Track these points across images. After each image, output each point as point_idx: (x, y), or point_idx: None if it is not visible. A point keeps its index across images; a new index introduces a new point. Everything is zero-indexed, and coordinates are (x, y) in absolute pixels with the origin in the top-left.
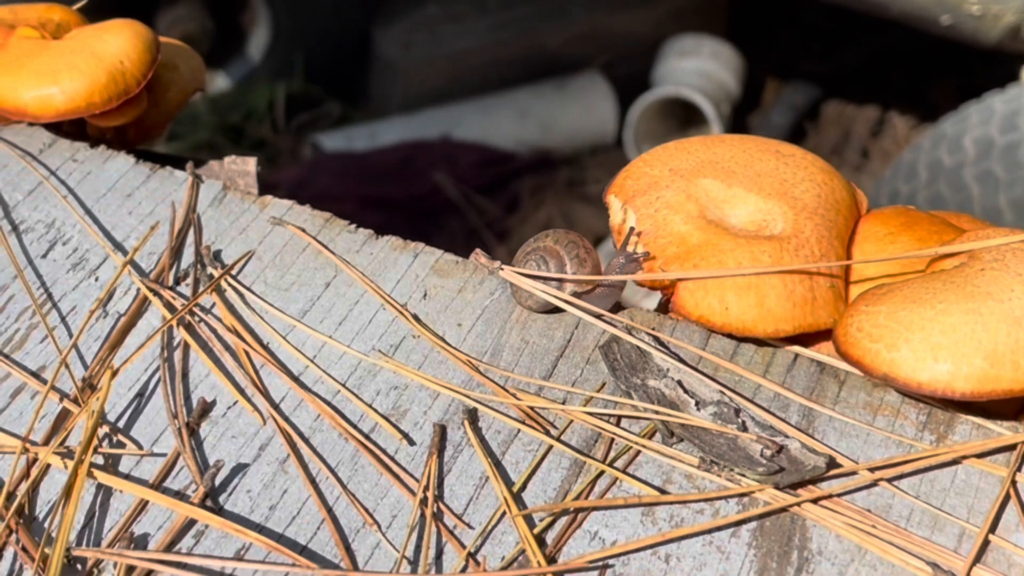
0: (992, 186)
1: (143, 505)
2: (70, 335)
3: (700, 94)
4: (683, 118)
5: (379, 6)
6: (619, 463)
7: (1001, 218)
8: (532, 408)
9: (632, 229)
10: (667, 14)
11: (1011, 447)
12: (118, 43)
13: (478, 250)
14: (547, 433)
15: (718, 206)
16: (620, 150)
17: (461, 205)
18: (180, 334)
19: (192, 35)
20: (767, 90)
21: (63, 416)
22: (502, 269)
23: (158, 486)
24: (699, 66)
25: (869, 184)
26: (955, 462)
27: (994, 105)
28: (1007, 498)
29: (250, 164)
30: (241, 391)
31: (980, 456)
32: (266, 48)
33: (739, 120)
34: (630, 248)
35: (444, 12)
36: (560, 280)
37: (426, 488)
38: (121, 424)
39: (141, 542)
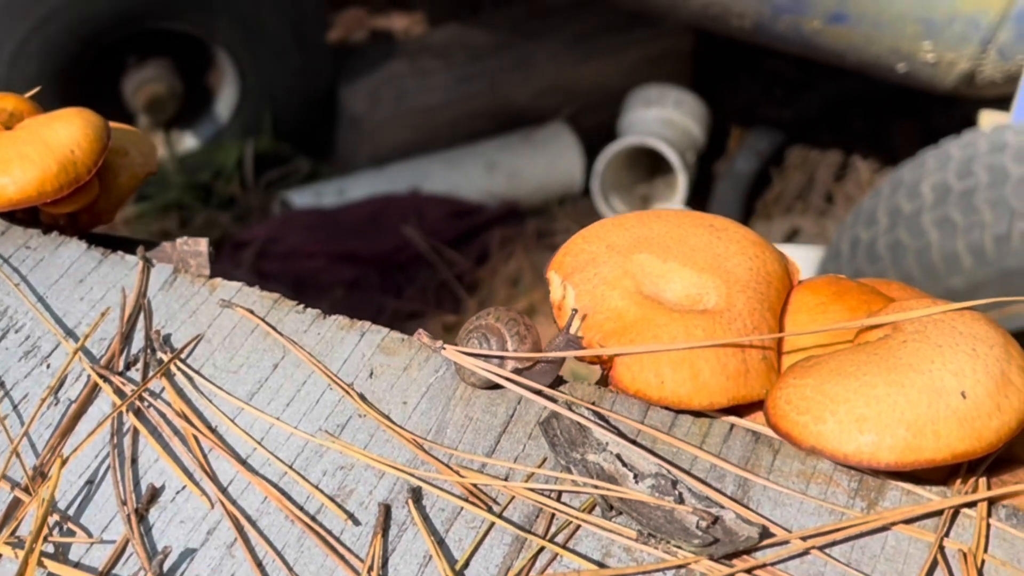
0: (950, 231)
1: None
2: (22, 423)
3: (665, 143)
4: (649, 167)
5: (346, 62)
6: (559, 538)
7: (960, 262)
8: (475, 485)
9: (575, 312)
10: (632, 65)
11: (939, 513)
12: (68, 132)
13: (420, 330)
14: (489, 510)
15: (654, 281)
16: (588, 199)
17: (431, 258)
18: (130, 420)
19: (160, 96)
20: (732, 137)
21: (14, 505)
22: (444, 348)
23: (107, 574)
24: (664, 115)
25: (832, 229)
26: (885, 528)
27: (950, 151)
28: (935, 563)
29: (202, 244)
30: (189, 476)
31: (909, 522)
32: (234, 107)
33: (705, 167)
34: (572, 330)
35: (410, 67)
36: (501, 357)
37: (370, 569)
38: (71, 512)
39: None
